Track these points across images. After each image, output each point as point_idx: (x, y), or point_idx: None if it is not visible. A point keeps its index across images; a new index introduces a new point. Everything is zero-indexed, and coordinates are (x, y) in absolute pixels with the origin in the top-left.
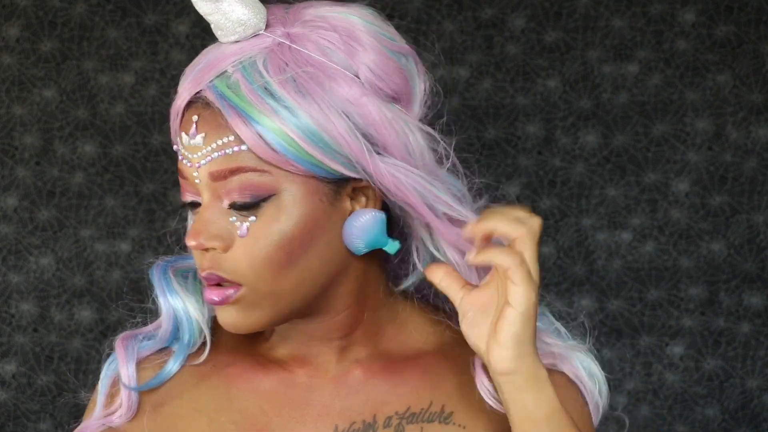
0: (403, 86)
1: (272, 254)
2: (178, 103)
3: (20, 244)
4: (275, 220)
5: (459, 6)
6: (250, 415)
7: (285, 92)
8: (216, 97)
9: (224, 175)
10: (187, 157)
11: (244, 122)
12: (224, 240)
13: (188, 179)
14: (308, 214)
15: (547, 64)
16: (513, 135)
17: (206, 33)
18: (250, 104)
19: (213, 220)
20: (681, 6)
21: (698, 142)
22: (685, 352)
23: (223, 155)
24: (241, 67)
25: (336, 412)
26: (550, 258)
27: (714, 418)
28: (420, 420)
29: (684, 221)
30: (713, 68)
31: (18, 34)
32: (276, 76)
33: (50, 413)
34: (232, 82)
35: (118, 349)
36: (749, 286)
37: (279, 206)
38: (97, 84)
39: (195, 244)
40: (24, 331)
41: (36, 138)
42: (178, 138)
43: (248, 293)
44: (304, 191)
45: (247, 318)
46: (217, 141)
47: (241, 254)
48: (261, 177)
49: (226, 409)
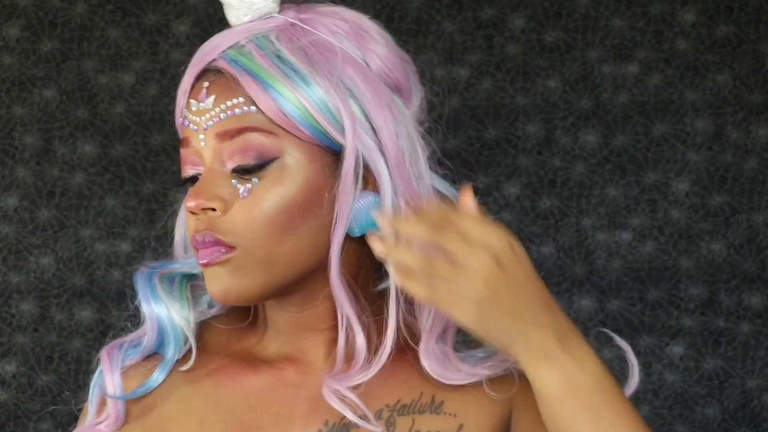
0: (405, 83)
1: (272, 217)
2: (190, 72)
3: (20, 244)
4: (278, 183)
5: (459, 6)
6: (240, 413)
7: (296, 59)
8: (228, 62)
9: (231, 135)
10: (194, 122)
11: (257, 84)
12: (224, 201)
13: (191, 146)
14: (311, 181)
15: (547, 64)
16: (513, 135)
17: (206, 33)
18: (263, 68)
19: (214, 182)
20: (681, 6)
21: (698, 142)
22: (685, 352)
23: (232, 115)
24: (254, 38)
25: (326, 407)
26: (550, 258)
27: (714, 418)
28: (411, 411)
29: (684, 221)
30: (713, 68)
31: (18, 34)
32: (288, 45)
33: (50, 413)
34: (246, 51)
35: (104, 360)
36: (749, 286)
37: (283, 169)
38: (97, 84)
39: (194, 204)
40: (24, 331)
41: (36, 138)
42: (185, 107)
43: (241, 255)
44: (309, 157)
45: (238, 283)
46: (226, 102)
47: (240, 215)
48: (267, 138)
49: (216, 409)
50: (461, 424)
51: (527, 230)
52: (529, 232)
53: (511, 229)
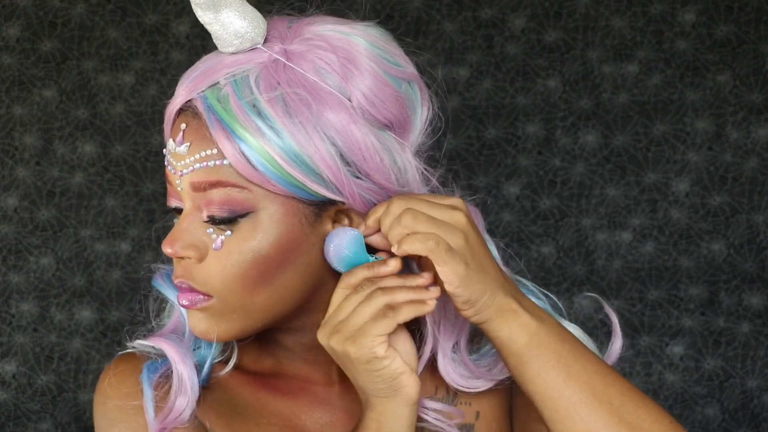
0: (400, 114)
1: (245, 271)
2: (170, 107)
3: (20, 244)
4: (251, 238)
5: (459, 6)
6: (286, 417)
7: (272, 111)
8: (204, 108)
9: (204, 187)
10: (172, 164)
11: (227, 137)
12: (199, 250)
13: (172, 185)
14: (285, 235)
15: (547, 64)
16: (513, 135)
17: (206, 33)
18: (236, 120)
19: (190, 230)
20: (681, 6)
21: (698, 142)
22: (685, 352)
23: (205, 167)
24: (233, 81)
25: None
26: (550, 258)
27: (714, 418)
28: None
29: (684, 221)
30: (713, 68)
31: (18, 34)
32: (266, 94)
33: (50, 413)
34: (222, 95)
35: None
36: (749, 286)
37: (256, 224)
38: (97, 84)
39: (170, 251)
40: (24, 331)
41: (36, 138)
42: (168, 143)
43: (217, 304)
44: (283, 211)
45: (218, 326)
46: (201, 152)
47: (214, 267)
48: (240, 193)
49: (268, 415)
50: (478, 412)
51: (527, 230)
52: (529, 232)
53: (511, 229)
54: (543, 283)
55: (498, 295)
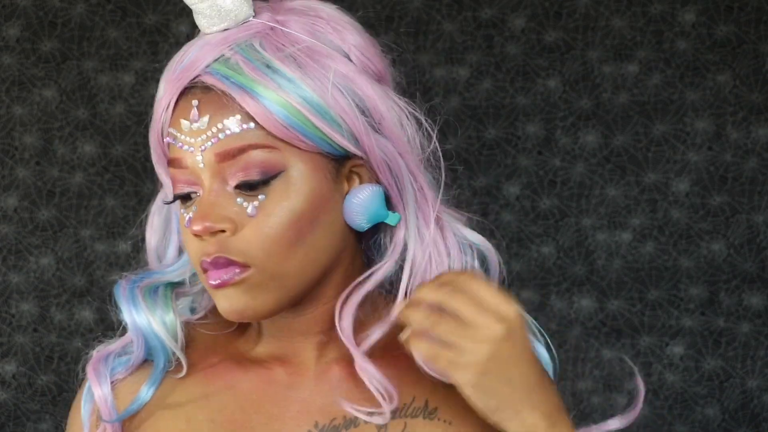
0: (383, 68)
1: (282, 233)
2: (169, 93)
3: (20, 244)
4: (285, 197)
5: (459, 6)
6: (229, 412)
7: (287, 68)
8: (218, 78)
9: (232, 154)
10: (188, 143)
11: (252, 98)
12: (233, 221)
13: (187, 167)
14: (315, 190)
15: (547, 64)
16: (513, 135)
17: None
18: (255, 81)
19: (218, 203)
20: (681, 6)
21: (698, 142)
22: (685, 352)
23: (230, 134)
24: (239, 50)
25: (316, 408)
26: (550, 258)
27: (714, 418)
28: (403, 415)
29: (684, 221)
30: (713, 68)
31: (18, 34)
32: (275, 54)
33: (50, 413)
34: (233, 63)
35: (90, 377)
36: (749, 286)
37: (288, 183)
38: (97, 84)
39: (202, 228)
40: (24, 331)
41: (36, 138)
42: (175, 127)
43: (256, 274)
44: (312, 167)
45: (253, 301)
46: (223, 121)
47: (252, 234)
48: (269, 154)
49: (204, 408)
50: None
51: (527, 230)
52: (529, 232)
53: (511, 229)
54: (543, 283)
55: (525, 416)
